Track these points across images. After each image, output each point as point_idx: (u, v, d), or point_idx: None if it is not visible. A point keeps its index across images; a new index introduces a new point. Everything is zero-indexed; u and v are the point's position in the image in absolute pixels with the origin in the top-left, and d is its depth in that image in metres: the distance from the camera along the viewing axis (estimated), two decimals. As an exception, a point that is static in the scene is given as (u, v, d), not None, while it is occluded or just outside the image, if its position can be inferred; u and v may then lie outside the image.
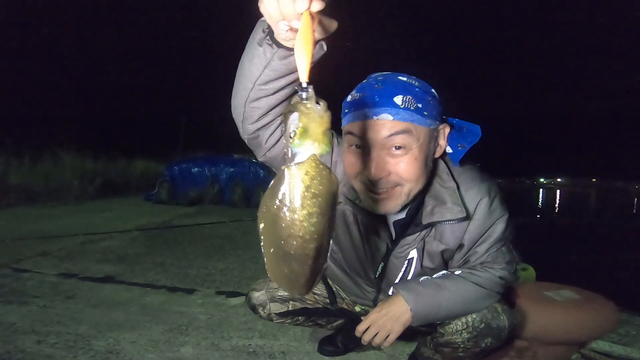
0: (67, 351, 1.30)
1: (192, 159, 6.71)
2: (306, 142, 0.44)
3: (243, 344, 1.42)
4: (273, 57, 0.67)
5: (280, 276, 0.51)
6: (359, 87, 0.92)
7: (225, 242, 3.26)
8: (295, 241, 0.46)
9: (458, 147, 0.96)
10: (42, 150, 6.38)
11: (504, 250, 1.01)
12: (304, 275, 0.50)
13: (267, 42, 0.65)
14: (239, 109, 0.79)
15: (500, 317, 0.98)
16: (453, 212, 0.92)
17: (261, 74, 0.70)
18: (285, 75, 0.70)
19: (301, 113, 0.44)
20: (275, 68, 0.68)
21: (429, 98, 0.88)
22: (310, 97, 0.44)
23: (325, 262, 0.50)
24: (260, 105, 0.76)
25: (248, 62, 0.71)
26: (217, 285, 2.09)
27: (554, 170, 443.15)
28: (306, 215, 0.45)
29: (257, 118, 0.79)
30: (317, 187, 0.44)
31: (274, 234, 0.47)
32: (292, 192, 0.44)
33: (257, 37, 0.67)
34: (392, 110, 0.84)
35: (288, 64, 0.67)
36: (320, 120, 0.44)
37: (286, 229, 0.45)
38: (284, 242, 0.46)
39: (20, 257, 2.42)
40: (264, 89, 0.72)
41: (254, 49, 0.68)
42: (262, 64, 0.68)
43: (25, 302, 1.71)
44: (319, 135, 0.44)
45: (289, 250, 0.47)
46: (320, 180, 0.44)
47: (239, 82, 0.76)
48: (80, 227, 3.53)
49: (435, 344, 1.05)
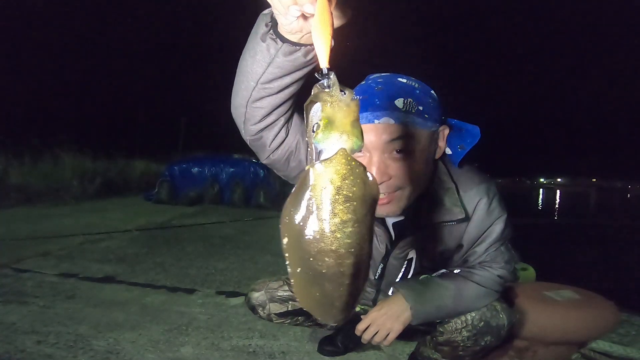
0: (67, 351, 1.30)
1: (192, 159, 6.71)
2: (332, 135, 0.37)
3: (243, 344, 1.42)
4: (277, 53, 0.63)
5: (311, 301, 0.42)
6: (358, 89, 0.91)
7: (225, 242, 3.26)
8: (327, 257, 0.38)
9: (457, 148, 0.96)
10: (42, 150, 6.37)
11: (502, 249, 1.01)
12: (341, 298, 0.41)
13: (271, 37, 0.61)
14: (241, 109, 0.76)
15: (500, 316, 0.98)
16: (452, 213, 0.93)
17: (265, 72, 0.66)
18: (291, 72, 0.66)
19: (324, 103, 0.38)
20: (280, 65, 0.65)
21: (429, 100, 0.88)
22: (333, 84, 0.39)
23: (366, 280, 0.43)
24: (264, 105, 0.73)
25: (250, 59, 0.67)
26: (217, 285, 2.09)
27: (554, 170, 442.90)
28: (339, 224, 0.37)
29: (260, 118, 0.76)
30: (351, 189, 0.37)
31: (301, 250, 0.38)
32: (320, 196, 0.37)
33: (259, 31, 0.63)
34: (393, 114, 0.83)
35: (294, 60, 0.63)
36: (348, 110, 0.38)
37: (315, 243, 0.37)
38: (314, 259, 0.38)
39: (20, 257, 2.42)
40: (267, 87, 0.69)
41: (257, 44, 0.64)
42: (266, 61, 0.65)
43: (25, 302, 1.71)
44: (347, 126, 0.38)
45: (321, 269, 0.39)
46: (354, 179, 0.37)
47: (240, 80, 0.72)
48: (80, 227, 3.53)
49: (435, 343, 1.05)
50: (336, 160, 0.37)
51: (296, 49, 0.61)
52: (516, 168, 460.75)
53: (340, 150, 0.37)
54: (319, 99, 0.38)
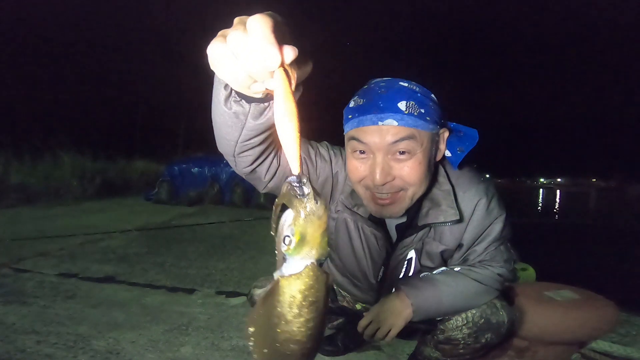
0: (67, 351, 1.30)
1: (192, 159, 6.71)
2: (304, 250, 0.39)
3: (243, 344, 1.42)
4: (247, 119, 0.59)
5: None
6: (361, 93, 0.92)
7: (225, 242, 3.26)
8: (292, 344, 0.44)
9: (457, 150, 0.98)
10: (42, 150, 6.38)
11: (501, 249, 1.03)
12: None
13: (235, 100, 0.57)
14: (229, 157, 0.77)
15: (500, 313, 1.00)
16: (447, 214, 0.94)
17: (241, 135, 0.65)
18: (268, 129, 0.64)
19: (297, 214, 0.38)
20: (252, 128, 0.62)
21: (430, 103, 0.89)
22: (308, 194, 0.38)
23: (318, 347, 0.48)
24: (250, 154, 0.74)
25: (222, 123, 0.63)
26: (217, 285, 2.09)
27: (554, 170, 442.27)
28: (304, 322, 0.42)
29: (251, 163, 0.78)
30: (315, 295, 0.41)
31: (269, 338, 0.44)
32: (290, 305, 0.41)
33: (220, 97, 0.57)
34: (397, 116, 0.84)
35: (267, 120, 0.59)
36: (319, 222, 0.38)
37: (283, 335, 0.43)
38: (280, 344, 0.44)
39: (20, 257, 2.42)
40: (248, 143, 0.69)
41: (223, 112, 0.59)
42: (238, 127, 0.62)
43: (25, 302, 1.71)
44: (317, 239, 0.39)
45: (285, 351, 0.45)
46: (318, 287, 0.41)
47: (218, 137, 0.71)
48: (80, 227, 3.54)
49: (436, 341, 1.06)
50: (305, 274, 0.40)
51: (265, 106, 0.57)
52: (516, 168, 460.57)
53: (310, 264, 0.40)
54: (291, 206, 0.39)
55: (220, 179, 6.23)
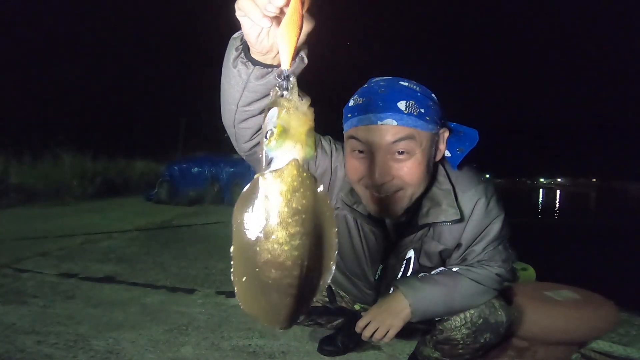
0: (67, 351, 1.30)
1: (192, 159, 6.72)
2: (286, 143, 0.36)
3: (243, 344, 1.42)
4: (250, 78, 0.62)
5: (256, 309, 0.42)
6: (360, 92, 0.92)
7: (225, 242, 3.25)
8: (273, 269, 0.37)
9: (456, 150, 0.98)
10: (42, 150, 6.38)
11: (500, 248, 1.03)
12: (287, 308, 0.40)
13: (242, 61, 0.60)
14: (230, 129, 0.77)
15: (498, 313, 1.00)
16: (447, 214, 0.94)
17: (242, 96, 0.66)
18: (267, 95, 0.65)
19: (280, 108, 0.36)
20: (253, 89, 0.64)
21: (430, 103, 0.89)
22: (292, 88, 0.37)
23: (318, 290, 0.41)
24: (250, 125, 0.74)
25: (227, 83, 0.66)
26: (217, 285, 2.09)
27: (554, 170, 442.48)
28: (287, 237, 0.36)
29: (250, 137, 0.77)
30: (300, 201, 0.35)
31: (248, 260, 0.38)
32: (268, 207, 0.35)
33: (230, 56, 0.62)
34: (396, 116, 0.84)
35: (267, 83, 0.62)
36: (304, 118, 0.36)
37: (262, 254, 0.37)
38: (260, 270, 0.38)
39: (20, 257, 2.42)
40: (248, 110, 0.69)
41: (229, 70, 0.63)
42: (240, 86, 0.64)
43: (25, 302, 1.71)
44: (302, 135, 0.36)
45: (266, 280, 0.38)
46: (304, 192, 0.36)
47: (222, 102, 0.73)
48: (80, 227, 3.53)
49: (435, 341, 1.06)
50: (287, 172, 0.35)
51: (268, 71, 0.60)
52: (516, 168, 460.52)
53: (292, 160, 0.36)
54: (275, 104, 0.37)
55: (220, 179, 6.24)
